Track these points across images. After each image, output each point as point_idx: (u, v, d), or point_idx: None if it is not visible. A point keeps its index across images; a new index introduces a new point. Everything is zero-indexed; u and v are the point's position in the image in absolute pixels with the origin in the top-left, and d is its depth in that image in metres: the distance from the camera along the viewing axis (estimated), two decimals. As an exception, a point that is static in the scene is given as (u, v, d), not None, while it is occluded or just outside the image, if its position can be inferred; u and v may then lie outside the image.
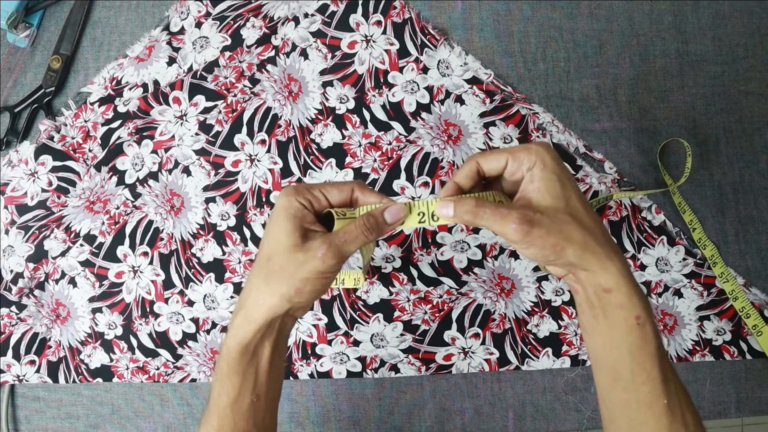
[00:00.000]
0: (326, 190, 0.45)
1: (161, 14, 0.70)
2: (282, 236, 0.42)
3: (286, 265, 0.42)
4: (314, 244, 0.42)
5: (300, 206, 0.43)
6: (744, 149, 0.69)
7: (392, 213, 0.44)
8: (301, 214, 0.43)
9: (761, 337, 0.67)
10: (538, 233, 0.40)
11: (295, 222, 0.43)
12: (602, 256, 0.41)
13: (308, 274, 0.42)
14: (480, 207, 0.41)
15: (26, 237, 0.68)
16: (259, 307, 0.43)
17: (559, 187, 0.41)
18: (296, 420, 0.69)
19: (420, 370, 0.68)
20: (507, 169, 0.43)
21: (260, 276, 0.43)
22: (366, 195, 0.45)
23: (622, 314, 0.42)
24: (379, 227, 0.44)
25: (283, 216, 0.43)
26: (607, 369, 0.44)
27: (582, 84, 0.69)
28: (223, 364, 0.45)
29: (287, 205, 0.43)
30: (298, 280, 0.42)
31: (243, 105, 0.68)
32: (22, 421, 0.69)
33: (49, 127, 0.68)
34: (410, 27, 0.68)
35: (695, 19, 0.69)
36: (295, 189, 0.44)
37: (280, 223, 0.43)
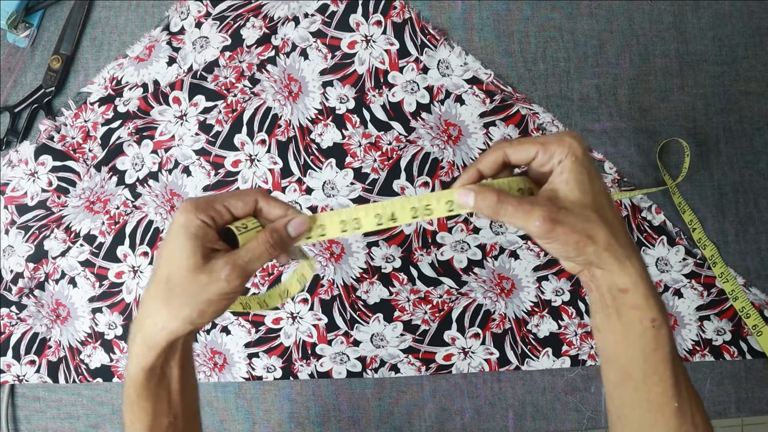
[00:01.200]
0: (229, 203, 0.42)
1: (161, 14, 0.70)
2: (182, 257, 0.39)
3: (188, 288, 0.39)
4: (217, 265, 0.40)
5: (201, 224, 0.40)
6: (744, 149, 0.69)
7: (295, 226, 0.42)
8: (202, 233, 0.40)
9: (761, 337, 0.67)
10: (561, 230, 0.39)
11: (196, 242, 0.39)
12: (622, 255, 0.40)
13: (212, 296, 0.40)
14: (502, 203, 0.40)
15: (26, 237, 0.68)
16: (159, 331, 0.40)
17: (588, 182, 0.40)
18: (296, 420, 0.69)
19: (420, 370, 0.68)
20: (536, 160, 0.41)
21: (158, 298, 0.40)
22: (270, 206, 0.43)
23: (637, 315, 0.41)
24: (284, 242, 0.42)
25: (183, 235, 0.40)
26: (617, 367, 0.44)
27: (582, 84, 0.69)
28: (130, 392, 0.42)
29: (187, 223, 0.40)
30: (202, 303, 0.40)
31: (243, 105, 0.68)
32: (22, 421, 0.69)
33: (49, 127, 0.68)
34: (410, 27, 0.68)
35: (695, 19, 0.69)
36: (195, 204, 0.40)
37: (180, 242, 0.40)
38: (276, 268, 0.68)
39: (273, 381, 0.69)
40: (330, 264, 0.68)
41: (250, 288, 0.68)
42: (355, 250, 0.68)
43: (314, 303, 0.68)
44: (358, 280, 0.68)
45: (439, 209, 0.42)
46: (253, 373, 0.68)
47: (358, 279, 0.68)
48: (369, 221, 0.43)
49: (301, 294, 0.68)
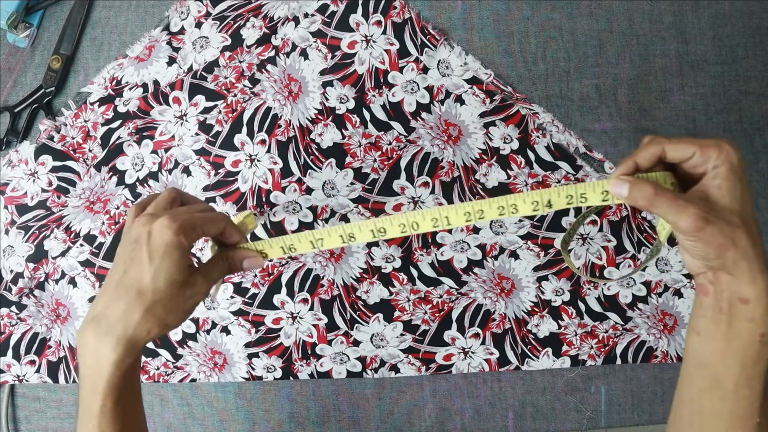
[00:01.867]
0: (205, 228, 0.46)
1: (161, 14, 0.70)
2: (174, 272, 0.44)
3: (174, 300, 0.44)
4: (198, 279, 0.46)
5: (189, 246, 0.45)
6: (744, 149, 0.69)
7: (250, 263, 0.50)
8: (188, 254, 0.45)
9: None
10: (710, 230, 0.40)
11: (185, 260, 0.44)
12: (756, 268, 0.41)
13: (191, 306, 0.46)
14: (658, 196, 0.41)
15: (26, 237, 0.68)
16: (146, 336, 0.44)
17: (740, 191, 0.41)
18: (296, 420, 0.69)
19: (420, 370, 0.68)
20: (691, 160, 0.42)
21: (141, 307, 0.43)
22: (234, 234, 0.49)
23: (749, 327, 0.42)
24: (237, 269, 0.50)
25: (176, 254, 0.44)
26: (708, 374, 0.44)
27: (582, 84, 0.69)
28: (105, 401, 0.44)
29: (177, 244, 0.44)
30: (182, 312, 0.45)
31: (243, 105, 0.68)
32: (22, 421, 0.69)
33: (49, 127, 0.68)
34: (410, 27, 0.68)
35: (695, 19, 0.69)
36: (182, 228, 0.44)
37: (172, 259, 0.44)
38: (276, 268, 0.68)
39: (273, 381, 0.69)
40: (330, 264, 0.68)
41: (250, 288, 0.68)
42: (355, 250, 0.68)
43: (314, 303, 0.68)
44: (358, 280, 0.68)
45: (594, 198, 0.44)
46: (253, 373, 0.68)
47: (358, 279, 0.68)
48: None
49: (301, 294, 0.68)
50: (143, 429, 0.49)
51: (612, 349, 0.68)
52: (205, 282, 0.46)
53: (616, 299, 0.68)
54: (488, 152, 0.68)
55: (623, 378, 0.68)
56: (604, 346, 0.68)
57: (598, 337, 0.68)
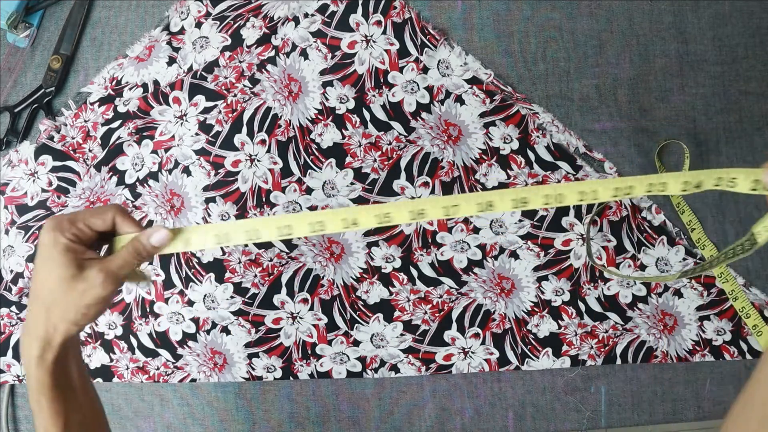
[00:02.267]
0: (89, 221, 0.46)
1: (161, 14, 0.70)
2: (59, 270, 0.44)
3: (69, 295, 0.44)
4: (92, 273, 0.44)
5: (68, 241, 0.44)
6: (744, 149, 0.69)
7: (158, 238, 0.47)
8: (72, 248, 0.44)
9: (761, 337, 0.67)
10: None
11: (68, 255, 0.44)
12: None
13: (91, 300, 0.45)
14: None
15: (26, 237, 0.68)
16: (53, 333, 0.45)
17: None
18: (296, 420, 0.69)
19: (420, 370, 0.68)
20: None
21: (43, 307, 0.45)
22: (125, 223, 0.47)
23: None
24: (148, 251, 0.47)
25: (55, 251, 0.44)
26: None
27: (582, 84, 0.69)
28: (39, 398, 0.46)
29: (55, 242, 0.44)
30: (83, 307, 0.45)
31: (243, 105, 0.68)
32: (22, 421, 0.69)
33: (49, 127, 0.68)
34: (410, 27, 0.68)
35: (695, 19, 0.69)
36: (59, 225, 0.45)
37: (54, 258, 0.44)
38: (276, 268, 0.68)
39: (273, 381, 0.69)
40: (330, 264, 0.68)
41: (250, 288, 0.68)
42: (355, 250, 0.68)
43: (314, 303, 0.68)
44: (358, 280, 0.68)
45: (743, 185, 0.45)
46: (253, 373, 0.68)
47: (358, 279, 0.68)
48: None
49: (301, 294, 0.68)
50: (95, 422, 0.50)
51: (612, 349, 0.68)
52: (99, 272, 0.44)
53: (616, 299, 0.68)
54: (488, 152, 0.68)
55: (623, 378, 0.68)
56: (604, 346, 0.68)
57: (598, 337, 0.68)
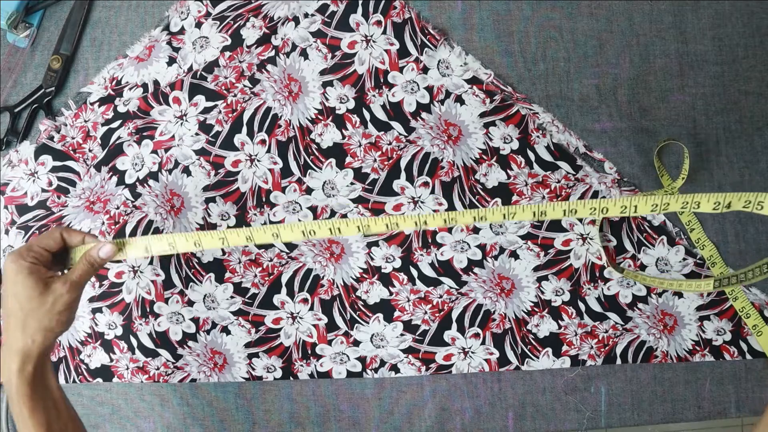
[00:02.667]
0: (42, 244, 0.54)
1: (161, 14, 0.70)
2: (27, 290, 0.51)
3: (40, 309, 0.51)
4: (57, 285, 0.52)
5: (30, 264, 0.52)
6: (744, 149, 0.69)
7: (104, 252, 0.55)
8: (35, 270, 0.52)
9: (761, 337, 0.67)
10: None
11: (33, 277, 0.51)
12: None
13: (61, 307, 0.52)
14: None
15: (26, 237, 0.68)
16: (31, 345, 0.51)
17: None
18: (296, 420, 0.69)
19: (420, 370, 0.68)
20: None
21: (19, 326, 0.51)
22: (71, 237, 0.56)
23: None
24: (98, 262, 0.55)
25: (21, 276, 0.51)
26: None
27: (582, 84, 0.69)
28: (21, 410, 0.51)
29: (19, 268, 0.51)
30: (56, 314, 0.52)
31: (243, 105, 0.68)
32: (22, 421, 0.69)
33: (49, 127, 0.68)
34: (410, 27, 0.68)
35: (695, 19, 0.69)
36: (19, 254, 0.52)
37: (21, 281, 0.51)
38: (276, 268, 0.68)
39: (273, 381, 0.69)
40: (330, 264, 0.68)
41: (250, 288, 0.68)
42: (355, 250, 0.68)
43: (314, 303, 0.68)
44: (358, 280, 0.68)
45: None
46: (253, 373, 0.68)
47: (358, 279, 0.68)
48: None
49: (301, 294, 0.68)
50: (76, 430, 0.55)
51: (612, 349, 0.68)
52: (64, 285, 0.52)
53: (616, 299, 0.68)
54: (488, 152, 0.68)
55: (623, 378, 0.68)
56: (604, 346, 0.68)
57: (598, 337, 0.68)
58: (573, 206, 0.52)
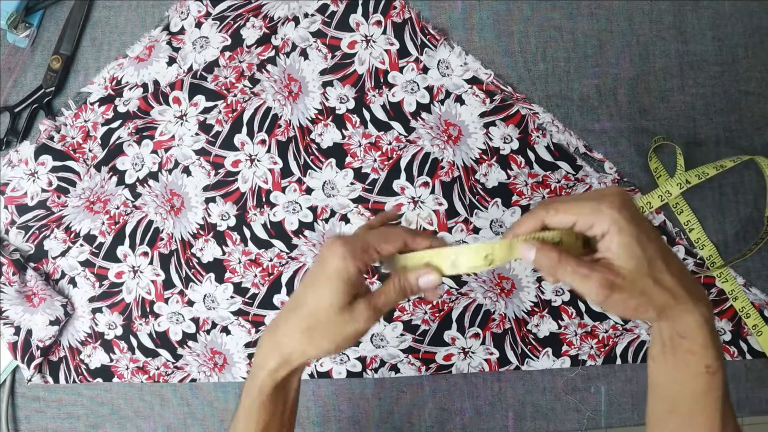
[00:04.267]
0: (382, 248, 0.45)
1: (161, 14, 0.70)
2: (334, 297, 0.43)
3: (331, 325, 0.44)
4: (359, 307, 0.44)
5: (356, 271, 0.43)
6: (744, 149, 0.69)
7: (425, 282, 0.45)
8: (355, 279, 0.43)
9: (761, 337, 0.67)
10: (619, 297, 0.40)
11: (348, 286, 0.43)
12: (682, 309, 0.41)
13: (350, 334, 0.44)
14: (562, 263, 0.41)
15: (26, 237, 0.68)
16: (299, 355, 0.45)
17: (639, 250, 0.40)
18: (296, 420, 0.69)
19: (420, 370, 0.68)
20: (576, 226, 0.41)
21: (301, 327, 0.44)
22: (416, 241, 0.46)
23: (692, 360, 0.42)
24: (413, 290, 0.45)
25: (338, 279, 0.43)
26: (665, 398, 0.44)
27: (582, 84, 0.69)
28: (254, 398, 0.46)
29: (343, 268, 0.43)
30: (341, 339, 0.44)
31: (243, 105, 0.68)
32: (22, 421, 0.69)
33: (49, 127, 0.68)
34: (410, 27, 0.68)
35: (695, 19, 0.69)
36: (353, 251, 0.43)
37: (333, 284, 0.43)
38: (276, 268, 0.68)
39: (273, 381, 0.69)
40: (330, 264, 0.68)
41: (250, 288, 0.68)
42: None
43: (314, 303, 0.68)
44: (358, 280, 0.68)
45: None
46: (253, 373, 0.68)
47: (358, 279, 0.68)
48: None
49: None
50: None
51: (612, 349, 0.68)
52: (367, 308, 0.44)
53: (616, 299, 0.68)
54: (488, 152, 0.68)
55: (623, 378, 0.68)
56: (604, 346, 0.68)
57: (598, 337, 0.68)
58: None
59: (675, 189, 0.66)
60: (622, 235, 0.39)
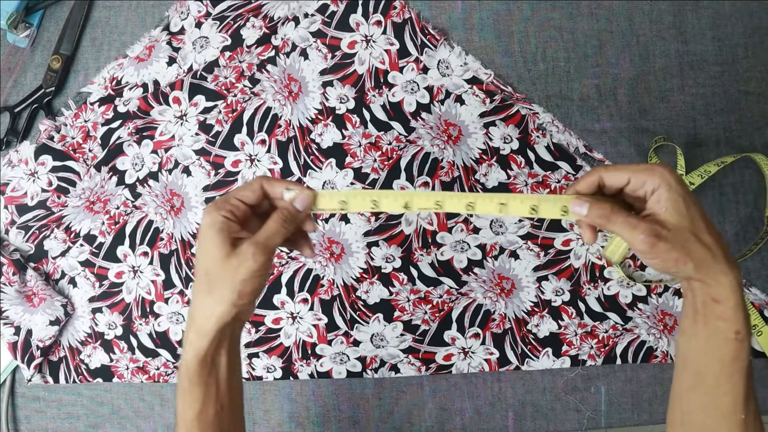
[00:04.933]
0: (240, 195, 0.47)
1: (161, 14, 0.70)
2: (214, 249, 0.45)
3: (224, 274, 0.45)
4: (243, 248, 0.45)
5: (224, 219, 0.45)
6: (744, 149, 0.69)
7: (301, 201, 0.47)
8: (226, 227, 0.45)
9: (761, 337, 0.67)
10: (663, 247, 0.43)
11: (222, 234, 0.45)
12: (717, 272, 0.44)
13: (245, 275, 0.45)
14: (614, 213, 0.44)
15: (26, 237, 0.68)
16: (209, 318, 0.45)
17: (684, 208, 0.44)
18: (296, 420, 0.69)
19: (420, 370, 0.68)
20: (628, 186, 0.45)
21: (203, 291, 0.46)
22: (273, 186, 0.47)
23: (723, 326, 0.44)
24: (294, 216, 0.47)
25: (211, 231, 0.45)
26: (692, 371, 0.46)
27: (582, 84, 0.69)
28: (183, 379, 0.47)
29: (212, 222, 0.45)
30: (239, 283, 0.45)
31: (243, 105, 0.68)
32: (22, 421, 0.69)
33: (49, 127, 0.68)
34: (410, 27, 0.68)
35: (695, 19, 0.69)
36: (215, 205, 0.46)
37: (210, 238, 0.45)
38: (276, 268, 0.68)
39: (273, 381, 0.69)
40: (330, 264, 0.68)
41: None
42: (355, 250, 0.68)
43: (314, 303, 0.68)
44: (358, 280, 0.68)
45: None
46: (253, 373, 0.68)
47: (358, 279, 0.68)
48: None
49: (301, 294, 0.68)
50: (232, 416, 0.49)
51: (612, 349, 0.68)
52: (250, 245, 0.45)
53: (616, 299, 0.68)
54: (488, 152, 0.68)
55: (623, 378, 0.68)
56: (604, 346, 0.68)
57: (598, 337, 0.68)
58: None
59: None
60: (672, 192, 0.43)
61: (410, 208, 0.48)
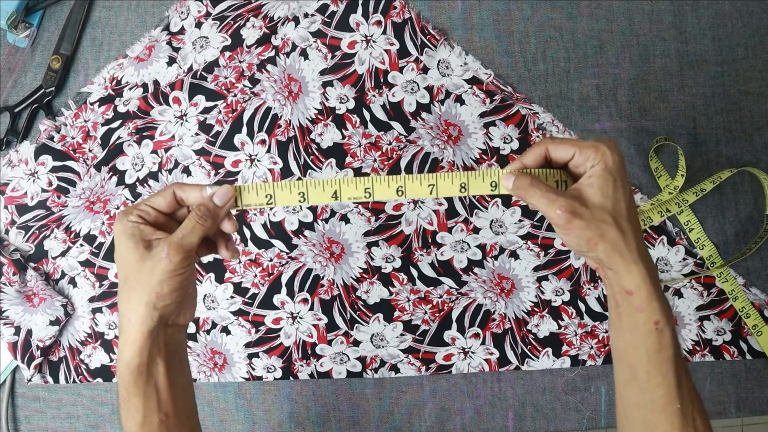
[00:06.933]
0: (151, 201, 0.47)
1: (161, 14, 0.70)
2: (127, 254, 0.45)
3: (140, 277, 0.44)
4: (158, 249, 0.45)
5: (133, 224, 0.45)
6: (744, 149, 0.69)
7: (220, 196, 0.47)
8: (138, 231, 0.45)
9: (761, 337, 0.67)
10: (578, 224, 0.43)
11: (134, 239, 0.45)
12: (629, 259, 0.44)
13: (161, 276, 0.44)
14: (533, 186, 0.45)
15: (26, 237, 0.68)
16: (132, 325, 0.45)
17: (611, 189, 0.44)
18: (296, 420, 0.69)
19: (420, 370, 0.68)
20: (573, 160, 0.45)
21: (123, 298, 0.45)
22: (186, 192, 0.47)
23: (641, 317, 0.44)
24: (212, 212, 0.46)
25: (123, 237, 0.45)
26: (626, 366, 0.46)
27: (582, 84, 0.69)
28: (121, 390, 0.46)
29: (122, 228, 0.45)
30: (155, 285, 0.44)
31: (243, 105, 0.68)
32: (22, 421, 0.69)
33: (49, 127, 0.68)
34: (410, 27, 0.68)
35: (695, 19, 0.69)
36: (124, 212, 0.46)
37: (123, 244, 0.45)
38: (276, 268, 0.68)
39: (273, 381, 0.69)
40: (330, 264, 0.68)
41: (250, 288, 0.68)
42: (355, 250, 0.68)
43: (314, 303, 0.68)
44: (358, 280, 0.68)
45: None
46: (253, 373, 0.68)
47: (358, 279, 0.68)
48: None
49: (301, 294, 0.68)
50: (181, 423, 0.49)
51: (612, 349, 0.68)
52: (166, 245, 0.44)
53: (616, 299, 0.68)
54: (488, 152, 0.68)
55: (623, 378, 0.68)
56: (604, 346, 0.68)
57: (598, 337, 0.68)
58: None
59: (674, 207, 0.67)
60: (605, 171, 0.44)
61: (339, 197, 0.49)
